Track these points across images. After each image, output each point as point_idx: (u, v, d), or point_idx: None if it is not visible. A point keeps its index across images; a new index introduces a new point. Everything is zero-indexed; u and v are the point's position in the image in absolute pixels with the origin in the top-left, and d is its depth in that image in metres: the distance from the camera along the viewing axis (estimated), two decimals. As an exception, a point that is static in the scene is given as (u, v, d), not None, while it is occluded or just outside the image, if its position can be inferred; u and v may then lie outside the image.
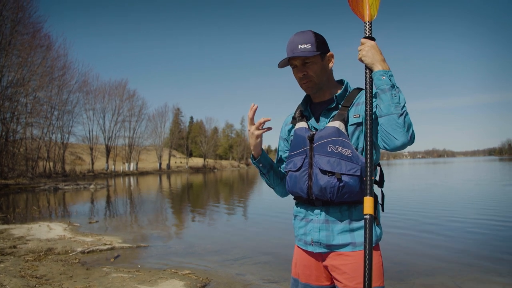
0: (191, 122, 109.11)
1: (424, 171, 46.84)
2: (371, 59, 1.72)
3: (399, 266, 5.89)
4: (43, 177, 40.62)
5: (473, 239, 7.74)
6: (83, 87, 56.86)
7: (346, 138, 1.75)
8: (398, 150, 1.68)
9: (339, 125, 1.77)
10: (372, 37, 1.78)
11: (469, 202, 13.66)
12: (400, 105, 1.64)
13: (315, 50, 1.81)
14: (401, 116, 1.62)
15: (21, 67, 36.18)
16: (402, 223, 9.46)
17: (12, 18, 34.44)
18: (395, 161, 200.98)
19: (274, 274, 5.70)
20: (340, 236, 1.79)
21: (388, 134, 1.65)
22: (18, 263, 6.14)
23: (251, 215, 12.58)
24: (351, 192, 1.72)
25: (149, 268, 6.04)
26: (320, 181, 1.75)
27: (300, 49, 1.81)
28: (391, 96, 1.65)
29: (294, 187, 1.90)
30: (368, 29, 1.79)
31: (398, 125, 1.62)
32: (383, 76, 1.68)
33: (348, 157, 1.72)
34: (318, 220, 1.84)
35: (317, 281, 1.92)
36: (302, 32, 1.86)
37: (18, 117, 38.52)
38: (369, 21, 1.79)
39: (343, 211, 1.80)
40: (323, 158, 1.76)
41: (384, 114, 1.66)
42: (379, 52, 1.72)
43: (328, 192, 1.74)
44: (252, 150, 2.02)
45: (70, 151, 61.07)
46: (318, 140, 1.80)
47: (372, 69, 1.72)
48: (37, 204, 17.93)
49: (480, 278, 5.34)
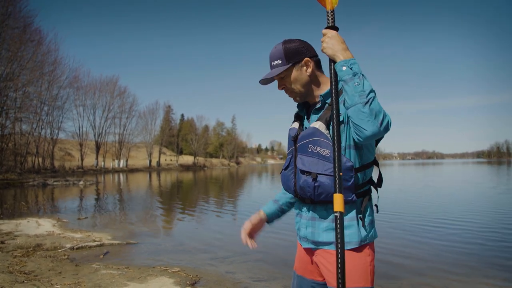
0: (182, 119, 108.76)
1: (414, 173, 47.16)
2: (332, 50, 1.66)
3: (387, 266, 5.96)
4: (31, 172, 40.27)
5: (461, 240, 7.83)
6: (73, 83, 56.30)
7: (325, 138, 1.74)
8: (371, 140, 1.62)
9: (319, 126, 1.77)
10: (335, 27, 1.71)
11: (459, 204, 13.81)
12: (365, 93, 1.55)
13: (285, 63, 1.83)
14: (367, 104, 1.53)
15: (10, 61, 35.70)
16: (391, 224, 9.55)
17: (2, 11, 33.95)
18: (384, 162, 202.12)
19: (264, 272, 5.74)
20: (324, 234, 1.82)
21: (357, 126, 1.57)
22: (6, 258, 6.10)
23: (240, 213, 12.60)
24: (328, 192, 1.71)
25: (138, 265, 6.04)
26: (300, 180, 1.80)
27: (273, 66, 1.87)
28: (354, 85, 1.57)
29: (284, 184, 1.98)
30: (330, 18, 1.71)
31: (364, 115, 1.54)
32: (343, 66, 1.61)
33: (325, 157, 1.72)
34: (306, 216, 1.89)
35: (311, 275, 1.96)
36: (275, 47, 1.87)
37: (7, 112, 38.06)
38: (331, 9, 1.72)
39: (328, 209, 1.81)
40: (304, 158, 1.79)
41: (349, 105, 1.59)
42: (340, 42, 1.66)
43: (307, 191, 1.77)
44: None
45: (59, 147, 60.51)
46: (300, 140, 1.84)
47: (334, 61, 1.66)
48: (26, 199, 17.78)
49: (467, 279, 5.42)
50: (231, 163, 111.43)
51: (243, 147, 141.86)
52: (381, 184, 1.89)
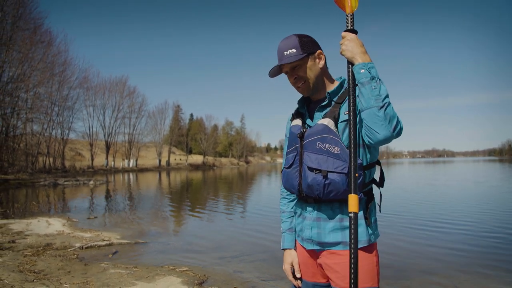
0: (191, 119, 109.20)
1: (423, 171, 46.82)
2: (351, 53, 1.69)
3: (396, 266, 5.92)
4: (42, 172, 40.64)
5: (471, 239, 7.75)
6: (83, 83, 56.83)
7: (335, 136, 1.74)
8: (382, 144, 1.65)
9: (328, 122, 1.76)
10: (354, 30, 1.74)
11: (468, 203, 13.67)
12: (381, 97, 1.59)
13: (301, 53, 1.82)
14: (382, 109, 1.57)
15: (21, 62, 36.10)
16: (400, 223, 9.50)
17: (13, 13, 34.38)
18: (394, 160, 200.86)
19: (272, 272, 5.73)
20: (331, 234, 1.80)
21: (369, 128, 1.61)
22: (16, 257, 6.16)
23: (249, 213, 12.59)
24: (338, 190, 1.70)
25: (146, 265, 6.07)
26: (308, 178, 1.75)
27: (286, 56, 1.83)
28: (371, 89, 1.60)
29: (286, 183, 1.92)
30: (350, 21, 1.75)
31: (378, 118, 1.57)
32: (362, 69, 1.64)
33: (335, 155, 1.71)
34: (311, 217, 1.86)
35: (313, 277, 1.94)
36: (287, 38, 1.86)
37: (19, 113, 38.48)
38: (350, 13, 1.75)
39: (334, 209, 1.80)
40: (312, 155, 1.76)
41: (364, 108, 1.62)
42: (359, 45, 1.69)
43: (315, 190, 1.73)
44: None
45: (70, 147, 61.00)
46: (307, 137, 1.81)
47: (352, 63, 1.69)
48: (37, 199, 17.95)
49: (477, 278, 5.36)
50: (240, 162, 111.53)
51: (252, 146, 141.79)
52: (383, 184, 1.88)
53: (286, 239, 2.08)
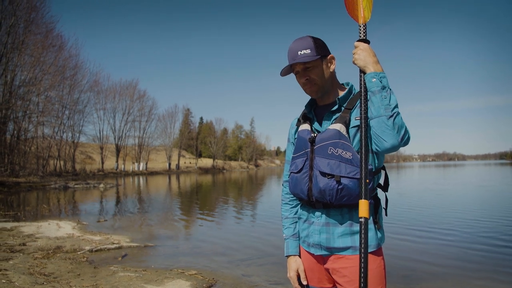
0: (200, 122, 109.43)
1: (434, 175, 46.42)
2: (364, 62, 1.72)
3: (402, 271, 5.86)
4: (53, 175, 41.08)
5: (476, 244, 7.66)
6: (94, 87, 57.44)
7: (346, 141, 1.75)
8: (389, 152, 1.68)
9: (340, 128, 1.77)
10: (367, 40, 1.78)
11: (475, 207, 13.52)
12: (391, 107, 1.63)
13: (315, 54, 1.82)
14: (391, 118, 1.61)
15: (33, 66, 36.54)
16: (405, 228, 9.42)
17: (26, 18, 34.81)
18: (404, 164, 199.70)
19: (280, 275, 5.70)
20: (340, 239, 1.80)
21: (378, 136, 1.65)
22: (27, 260, 6.20)
23: (259, 217, 12.58)
24: (350, 194, 1.71)
25: (156, 268, 6.08)
26: (320, 183, 1.75)
27: (300, 55, 1.83)
28: (381, 98, 1.64)
29: (295, 188, 1.90)
30: (362, 31, 1.79)
31: (387, 127, 1.61)
32: (373, 78, 1.67)
33: (348, 160, 1.72)
34: (319, 222, 1.85)
35: (319, 283, 1.93)
36: (301, 38, 1.87)
37: (30, 116, 38.88)
38: (363, 23, 1.80)
39: (344, 213, 1.80)
40: (323, 160, 1.76)
41: (374, 116, 1.65)
42: (372, 55, 1.72)
43: (327, 195, 1.74)
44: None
45: (80, 150, 61.56)
46: (319, 142, 1.80)
47: (364, 72, 1.72)
48: (47, 202, 18.12)
49: (483, 283, 5.30)
50: (250, 166, 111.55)
51: (262, 150, 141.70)
52: (387, 188, 1.89)
53: (290, 246, 2.05)
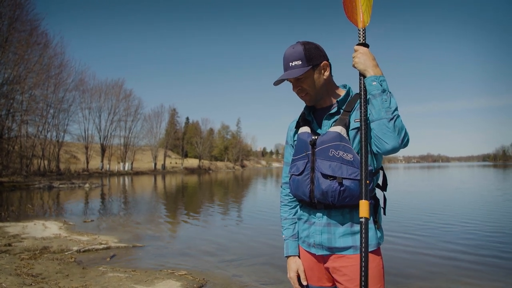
0: (187, 123, 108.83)
1: (420, 176, 46.96)
2: (364, 65, 1.75)
3: (396, 270, 5.93)
4: (37, 175, 40.47)
5: (470, 244, 7.77)
6: (79, 86, 56.82)
7: (347, 143, 1.78)
8: (390, 154, 1.72)
9: (341, 130, 1.80)
10: (366, 44, 1.81)
11: (467, 207, 13.72)
12: (391, 110, 1.67)
13: (306, 65, 1.84)
14: (392, 121, 1.66)
15: (17, 64, 35.94)
16: (400, 227, 9.51)
17: (10, 15, 34.24)
18: (389, 165, 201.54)
19: (271, 276, 5.72)
20: (341, 239, 1.83)
21: (379, 139, 1.69)
22: (13, 261, 6.12)
23: (246, 217, 12.58)
24: (352, 195, 1.74)
25: (145, 268, 6.05)
26: (322, 185, 1.78)
27: (292, 67, 1.85)
28: (382, 101, 1.68)
29: (296, 190, 1.92)
30: (362, 35, 1.82)
31: (388, 130, 1.66)
32: (374, 81, 1.71)
33: (349, 162, 1.75)
34: (320, 223, 1.87)
35: (318, 282, 1.96)
36: (293, 47, 1.88)
37: (14, 115, 38.31)
38: (362, 28, 1.83)
39: (344, 214, 1.83)
40: (325, 162, 1.79)
41: (375, 119, 1.69)
42: (371, 58, 1.76)
43: (330, 196, 1.76)
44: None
45: (65, 149, 60.74)
46: (320, 144, 1.83)
47: (364, 75, 1.75)
48: (32, 202, 17.85)
49: (476, 282, 5.38)
50: (236, 166, 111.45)
51: (248, 150, 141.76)
52: (386, 188, 1.92)
53: (290, 246, 2.07)
